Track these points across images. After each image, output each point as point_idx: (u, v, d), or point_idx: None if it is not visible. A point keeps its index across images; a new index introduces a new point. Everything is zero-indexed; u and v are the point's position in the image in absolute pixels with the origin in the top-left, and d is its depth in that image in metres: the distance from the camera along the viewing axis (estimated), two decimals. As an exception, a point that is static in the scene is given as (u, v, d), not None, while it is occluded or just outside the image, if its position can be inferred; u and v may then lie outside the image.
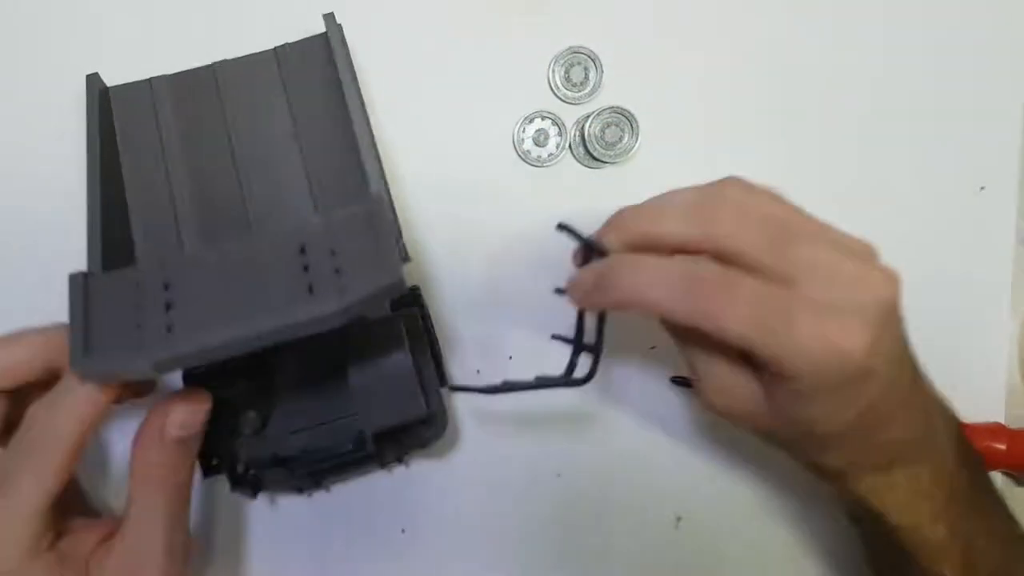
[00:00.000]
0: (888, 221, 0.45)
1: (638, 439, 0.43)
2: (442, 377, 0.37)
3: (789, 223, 0.28)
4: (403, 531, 0.42)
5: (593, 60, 0.43)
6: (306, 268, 0.28)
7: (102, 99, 0.36)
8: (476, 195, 0.43)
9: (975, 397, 0.45)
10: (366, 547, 0.42)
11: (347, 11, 0.42)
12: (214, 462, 0.34)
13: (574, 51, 0.43)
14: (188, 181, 0.36)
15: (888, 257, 0.44)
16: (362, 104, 0.35)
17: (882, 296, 0.27)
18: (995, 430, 0.44)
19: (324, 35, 0.37)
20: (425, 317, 0.38)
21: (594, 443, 0.42)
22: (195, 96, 0.37)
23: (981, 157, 0.46)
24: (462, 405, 0.42)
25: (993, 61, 0.46)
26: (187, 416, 0.30)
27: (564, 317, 0.43)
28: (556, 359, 0.34)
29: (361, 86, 0.35)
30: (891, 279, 0.28)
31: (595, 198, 0.44)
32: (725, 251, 0.27)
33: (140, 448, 0.30)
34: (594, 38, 0.44)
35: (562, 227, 0.31)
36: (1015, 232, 0.46)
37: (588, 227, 0.43)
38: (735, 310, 0.26)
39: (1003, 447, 0.43)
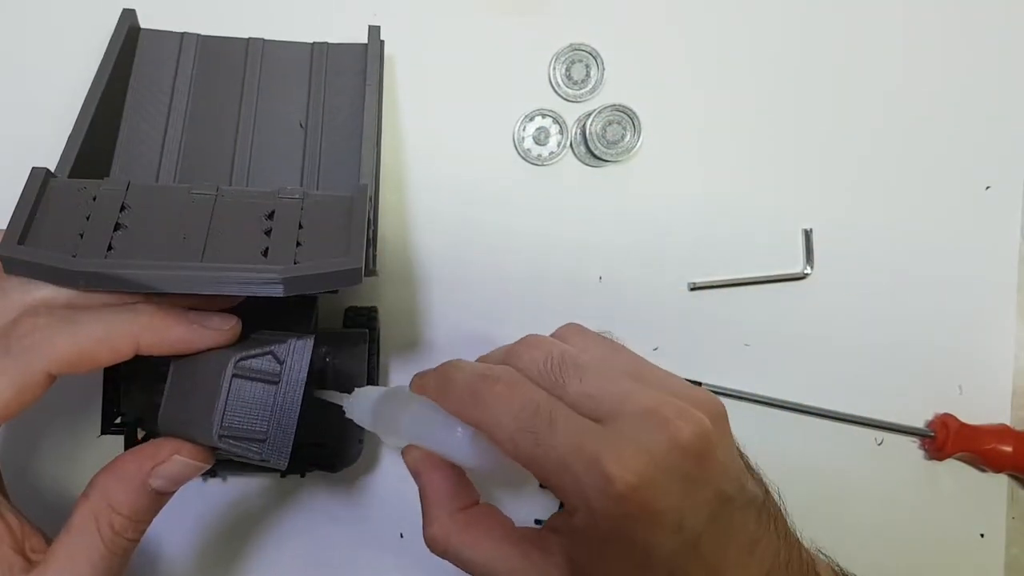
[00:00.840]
0: (893, 221, 0.45)
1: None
2: None
3: (576, 356, 0.27)
4: (401, 535, 0.41)
5: (594, 57, 0.43)
6: (268, 232, 0.27)
7: (129, 37, 0.36)
8: (476, 194, 0.43)
9: (981, 398, 0.45)
10: (365, 551, 0.41)
11: (347, 8, 0.42)
12: (118, 420, 0.32)
13: (575, 48, 0.43)
14: (183, 136, 0.35)
15: (894, 258, 0.45)
16: (378, 123, 0.34)
17: (679, 437, 0.24)
18: (1001, 432, 0.43)
19: (364, 46, 0.36)
20: (374, 340, 0.37)
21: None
22: (220, 63, 0.37)
23: (986, 156, 0.45)
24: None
25: (999, 61, 0.45)
26: (185, 471, 0.27)
27: (566, 313, 0.43)
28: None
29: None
30: (697, 424, 0.24)
31: (596, 197, 0.43)
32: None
33: (108, 485, 0.26)
34: (595, 35, 0.43)
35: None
36: (1021, 231, 0.45)
37: (589, 227, 0.43)
38: (507, 404, 0.25)
39: (1009, 449, 0.43)
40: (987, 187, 0.45)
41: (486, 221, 0.42)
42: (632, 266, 0.43)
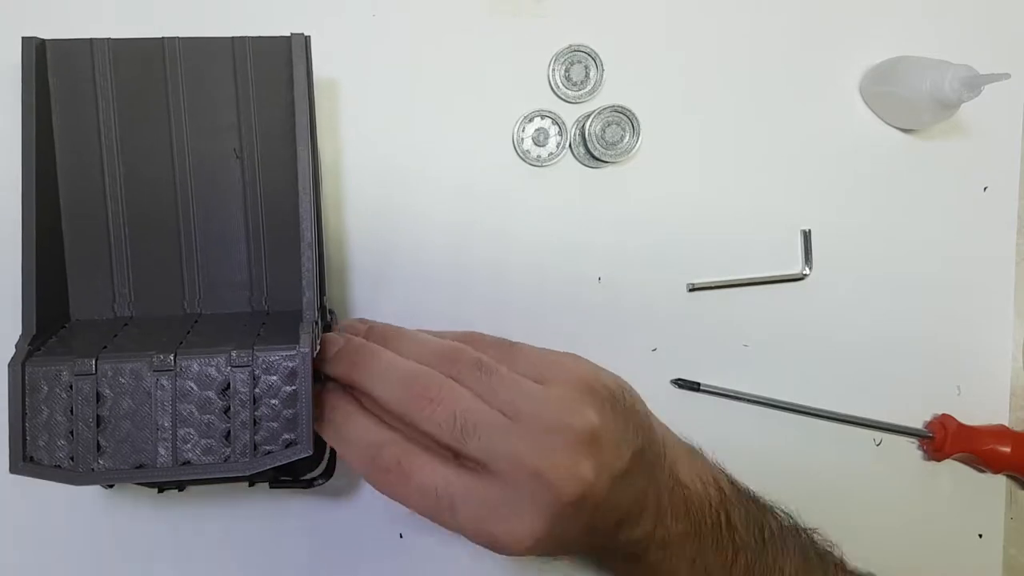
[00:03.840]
0: (892, 222, 0.45)
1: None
2: None
3: (477, 415, 0.30)
4: (401, 536, 0.41)
5: (594, 59, 0.43)
6: (227, 411, 0.30)
7: (39, 60, 0.33)
8: (476, 195, 0.43)
9: (979, 399, 0.45)
10: (364, 552, 0.41)
11: (347, 9, 0.42)
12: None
13: (574, 49, 0.43)
14: (124, 189, 0.35)
15: (893, 260, 0.45)
16: (311, 127, 0.34)
17: (561, 493, 0.28)
18: (999, 432, 0.43)
19: (287, 39, 0.35)
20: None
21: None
22: (139, 70, 0.35)
23: (984, 157, 0.46)
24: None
25: (994, 64, 0.46)
26: None
27: (566, 314, 0.43)
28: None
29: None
30: (579, 481, 0.29)
31: (595, 198, 0.43)
32: (417, 430, 0.31)
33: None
34: (595, 37, 0.43)
35: None
36: (1018, 232, 0.46)
37: (588, 228, 0.43)
38: (408, 497, 0.30)
39: (1007, 449, 0.43)
40: (984, 188, 0.46)
41: (485, 222, 0.42)
42: (631, 267, 0.43)
